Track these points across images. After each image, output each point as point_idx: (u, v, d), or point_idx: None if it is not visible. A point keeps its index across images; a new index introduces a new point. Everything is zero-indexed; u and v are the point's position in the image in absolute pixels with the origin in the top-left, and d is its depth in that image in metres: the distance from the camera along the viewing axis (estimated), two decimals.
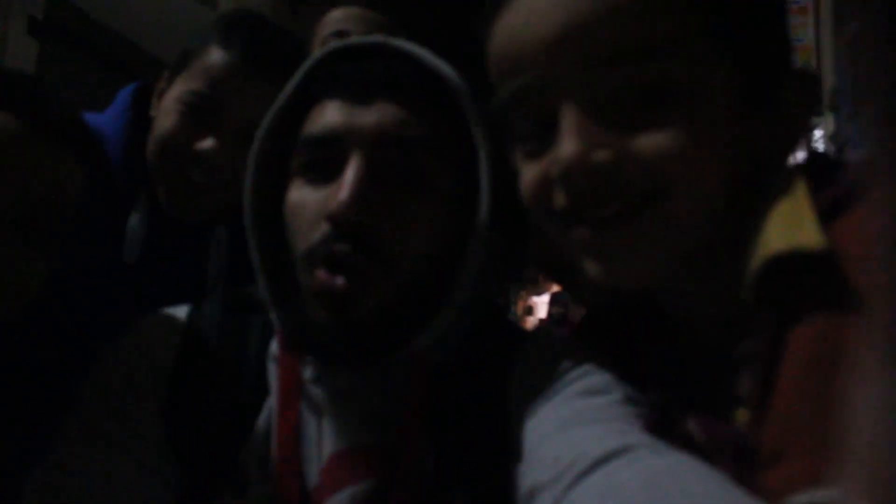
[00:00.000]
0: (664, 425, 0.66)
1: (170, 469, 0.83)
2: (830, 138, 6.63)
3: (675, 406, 0.67)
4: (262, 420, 0.84)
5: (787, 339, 0.55)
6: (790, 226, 0.56)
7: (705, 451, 0.62)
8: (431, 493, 0.82)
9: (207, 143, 1.15)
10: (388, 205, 0.78)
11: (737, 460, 0.59)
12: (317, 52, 0.87)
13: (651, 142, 0.58)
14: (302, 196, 0.81)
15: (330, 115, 0.81)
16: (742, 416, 0.61)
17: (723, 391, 0.64)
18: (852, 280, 0.50)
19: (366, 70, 0.82)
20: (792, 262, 0.54)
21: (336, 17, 1.62)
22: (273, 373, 0.86)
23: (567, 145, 0.60)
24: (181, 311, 0.92)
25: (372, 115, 0.79)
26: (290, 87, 0.86)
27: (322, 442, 0.83)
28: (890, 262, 0.32)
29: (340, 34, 1.56)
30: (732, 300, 0.59)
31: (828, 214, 0.55)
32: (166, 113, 1.17)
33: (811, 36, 6.64)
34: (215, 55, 1.17)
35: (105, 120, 1.26)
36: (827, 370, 0.51)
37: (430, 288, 0.80)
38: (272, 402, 0.84)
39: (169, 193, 1.19)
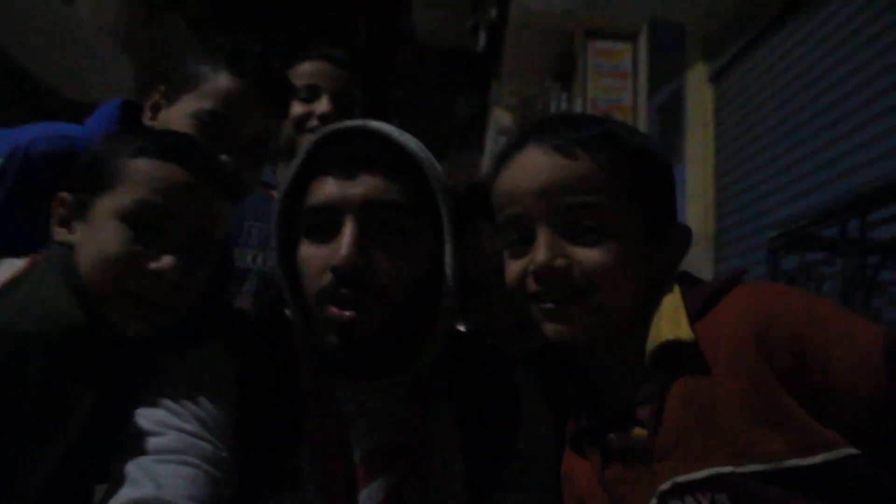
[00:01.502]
0: (594, 438, 0.95)
1: (234, 469, 0.97)
2: None
3: (598, 426, 0.95)
4: (306, 426, 1.02)
5: (670, 388, 0.86)
6: (673, 323, 0.86)
7: (620, 455, 0.91)
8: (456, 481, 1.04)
9: (223, 157, 1.27)
10: (377, 255, 0.98)
11: (639, 458, 0.88)
12: (313, 137, 1.06)
13: (587, 256, 0.88)
14: (309, 252, 1.00)
15: (326, 189, 0.99)
16: (638, 433, 0.90)
17: (625, 417, 0.92)
18: (706, 358, 0.83)
19: (351, 151, 1.01)
20: (674, 346, 0.85)
21: (308, 71, 1.78)
22: (308, 386, 1.04)
23: (541, 253, 0.88)
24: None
25: (359, 187, 0.98)
26: (294, 167, 1.04)
27: (353, 442, 1.02)
28: None
29: (311, 88, 1.77)
30: (637, 361, 0.89)
31: (693, 316, 0.87)
32: (179, 126, 1.26)
33: (629, 98, 7.52)
34: (227, 80, 1.30)
35: (90, 132, 1.33)
36: (693, 407, 0.84)
37: (414, 315, 1.01)
38: (315, 409, 1.03)
39: None
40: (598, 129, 0.92)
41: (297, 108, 1.71)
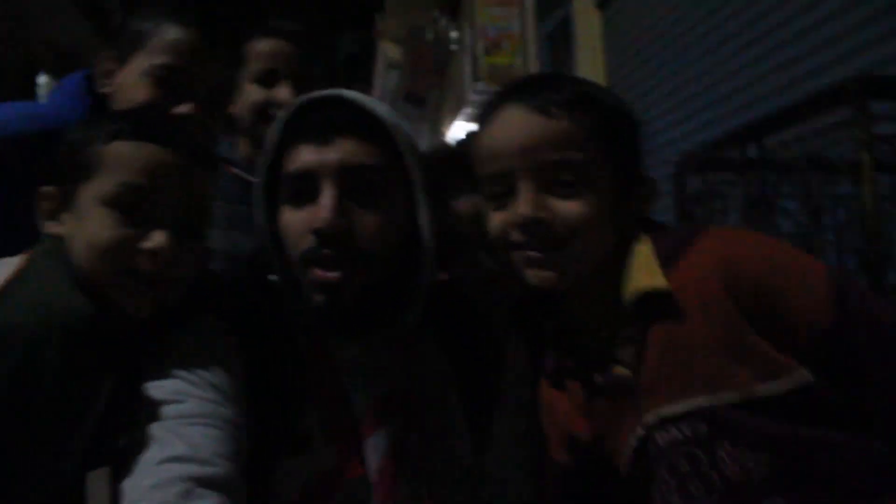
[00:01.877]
0: (580, 376, 1.03)
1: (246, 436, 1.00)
2: None
3: (582, 365, 1.03)
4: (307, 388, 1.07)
5: (649, 332, 0.95)
6: (648, 272, 0.95)
7: (604, 390, 1.01)
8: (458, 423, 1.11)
9: (185, 108, 1.27)
10: (357, 215, 1.03)
11: (623, 394, 0.98)
12: (288, 106, 1.11)
13: (565, 208, 0.95)
14: (290, 217, 1.05)
15: (303, 156, 1.05)
16: (618, 370, 0.99)
17: (603, 356, 1.01)
18: (678, 304, 0.92)
19: (326, 118, 1.06)
20: (650, 294, 0.94)
21: (264, 52, 1.69)
22: (304, 348, 1.09)
23: (523, 206, 0.95)
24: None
25: (335, 152, 1.03)
26: (272, 136, 1.09)
27: (354, 397, 1.08)
28: None
29: (270, 73, 1.67)
30: (614, 305, 0.97)
31: (665, 263, 0.95)
32: (135, 86, 1.27)
33: (518, 26, 7.57)
34: (173, 31, 1.29)
35: (59, 108, 1.32)
36: (670, 348, 0.93)
37: (397, 272, 1.07)
38: (314, 369, 1.08)
39: None
40: (574, 90, 0.98)
41: (255, 94, 1.65)
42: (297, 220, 1.05)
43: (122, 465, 0.92)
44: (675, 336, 0.93)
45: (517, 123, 0.98)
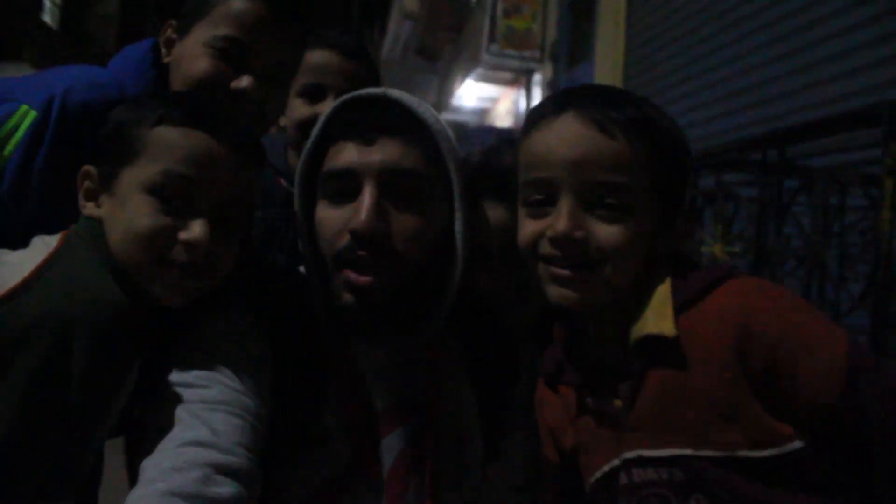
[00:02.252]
0: (576, 389, 1.01)
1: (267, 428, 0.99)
2: (548, 84, 7.56)
3: (581, 386, 1.01)
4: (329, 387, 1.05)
5: (649, 373, 0.92)
6: (659, 316, 0.92)
7: (594, 416, 0.98)
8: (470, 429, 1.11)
9: (244, 82, 1.22)
10: (395, 219, 1.00)
11: (611, 425, 0.96)
12: (333, 104, 1.08)
13: (604, 232, 0.91)
14: (328, 214, 1.03)
15: (346, 154, 1.02)
16: (616, 403, 0.96)
17: (605, 381, 0.98)
18: (684, 353, 0.90)
19: (370, 117, 1.03)
20: (657, 338, 0.91)
21: (312, 66, 1.59)
22: (328, 345, 1.06)
23: (562, 223, 0.91)
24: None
25: (378, 153, 1.01)
26: (315, 132, 1.07)
27: (373, 397, 1.06)
28: None
29: (317, 87, 1.59)
30: (623, 336, 0.94)
31: (680, 308, 0.92)
32: (194, 57, 1.22)
33: None
34: (239, 2, 1.23)
35: (123, 76, 1.28)
36: (665, 394, 0.91)
37: (427, 279, 1.05)
38: (336, 365, 1.06)
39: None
40: (636, 110, 0.95)
41: (301, 110, 1.56)
42: (334, 218, 1.02)
43: (137, 437, 0.92)
44: (672, 384, 0.92)
45: (571, 134, 0.94)
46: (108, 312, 0.89)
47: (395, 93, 1.07)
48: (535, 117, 0.99)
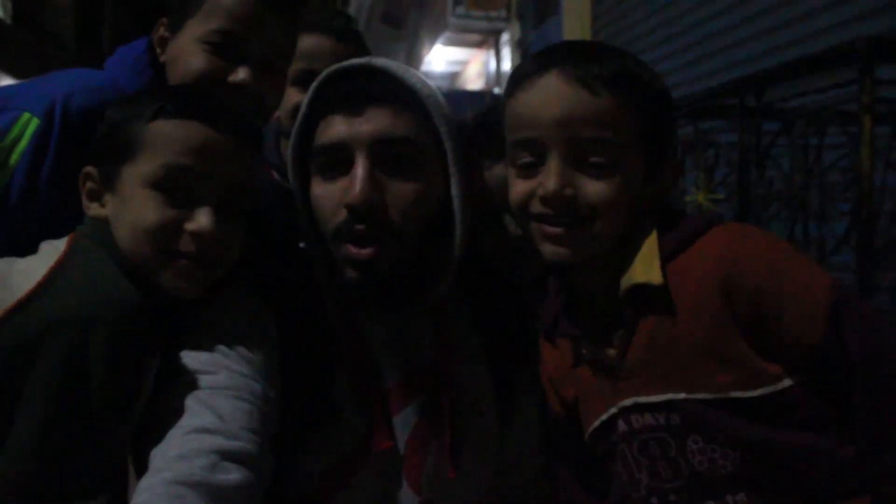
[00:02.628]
0: (574, 349, 1.04)
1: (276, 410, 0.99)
2: (517, 43, 7.50)
3: (577, 337, 1.03)
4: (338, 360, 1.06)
5: (640, 321, 0.95)
6: (646, 265, 0.94)
7: (590, 365, 1.02)
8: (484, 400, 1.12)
9: (241, 75, 1.20)
10: (390, 189, 1.00)
11: (607, 374, 0.99)
12: (319, 77, 1.07)
13: (593, 188, 0.93)
14: (322, 190, 1.03)
15: (335, 127, 1.01)
16: (609, 351, 0.99)
17: (596, 333, 1.01)
18: (672, 300, 0.93)
19: (357, 88, 1.02)
20: (645, 287, 0.94)
21: (304, 50, 1.56)
22: (335, 321, 1.08)
23: (552, 181, 0.93)
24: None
25: (367, 124, 1.00)
26: (302, 109, 1.07)
27: (384, 371, 1.07)
28: None
29: (311, 74, 1.49)
30: (615, 286, 0.96)
31: (667, 257, 0.94)
32: (189, 54, 1.20)
33: None
34: None
35: (120, 78, 1.26)
36: (657, 341, 0.94)
37: (429, 246, 1.05)
38: (344, 342, 1.07)
39: None
40: (619, 65, 0.96)
41: (294, 97, 1.52)
42: (329, 194, 1.02)
43: (145, 425, 0.93)
44: (663, 330, 0.94)
45: (557, 93, 0.94)
46: (124, 310, 0.89)
47: (380, 61, 1.06)
48: (518, 77, 0.99)
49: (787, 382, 0.90)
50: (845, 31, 2.71)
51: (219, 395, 0.92)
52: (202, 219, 0.96)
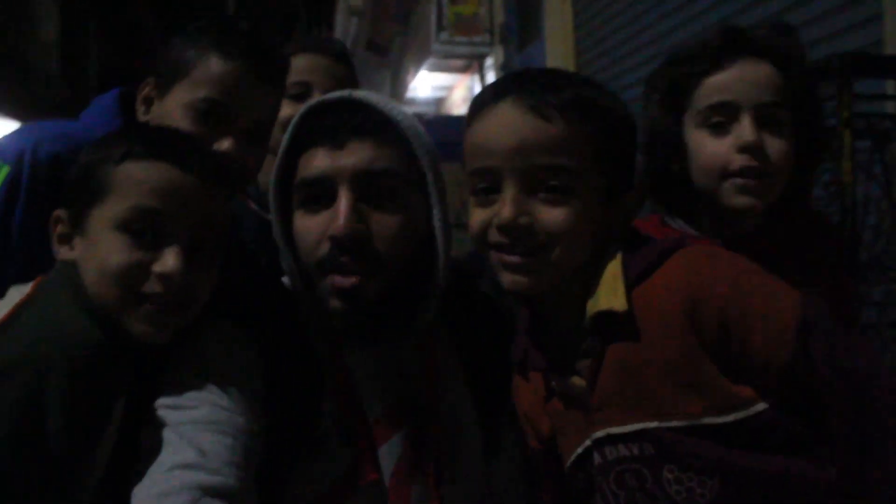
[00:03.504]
0: (543, 373, 1.02)
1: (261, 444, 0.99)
2: (500, 67, 7.55)
3: (547, 370, 1.02)
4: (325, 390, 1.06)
5: (607, 349, 0.94)
6: (611, 291, 0.93)
7: (560, 398, 1.00)
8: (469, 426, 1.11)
9: (225, 145, 1.22)
10: (374, 221, 1.01)
11: (578, 406, 0.97)
12: (299, 111, 1.08)
13: (549, 216, 0.92)
14: (305, 223, 1.03)
15: (317, 161, 1.02)
16: (576, 381, 0.98)
17: (567, 361, 0.99)
18: (638, 327, 0.91)
19: (339, 121, 1.03)
20: (610, 314, 0.93)
21: (300, 67, 1.62)
22: (321, 353, 1.08)
23: (506, 210, 0.92)
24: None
25: (349, 157, 1.01)
26: (284, 143, 1.07)
27: (368, 403, 1.07)
28: None
29: (304, 85, 1.62)
30: (581, 315, 0.96)
31: (632, 284, 0.93)
32: (175, 119, 1.21)
33: None
34: (218, 64, 1.22)
35: (90, 126, 1.28)
36: (625, 370, 0.92)
37: (413, 276, 1.05)
38: (328, 374, 1.06)
39: None
40: (573, 91, 0.95)
41: (286, 109, 1.54)
42: (312, 227, 1.03)
43: (127, 463, 0.92)
44: (630, 358, 0.93)
45: (510, 122, 0.94)
46: (84, 352, 0.88)
47: (361, 93, 1.08)
48: (475, 107, 1.00)
49: (759, 406, 0.88)
50: (825, 48, 2.73)
51: (200, 429, 0.92)
52: (169, 260, 0.95)
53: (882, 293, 2.40)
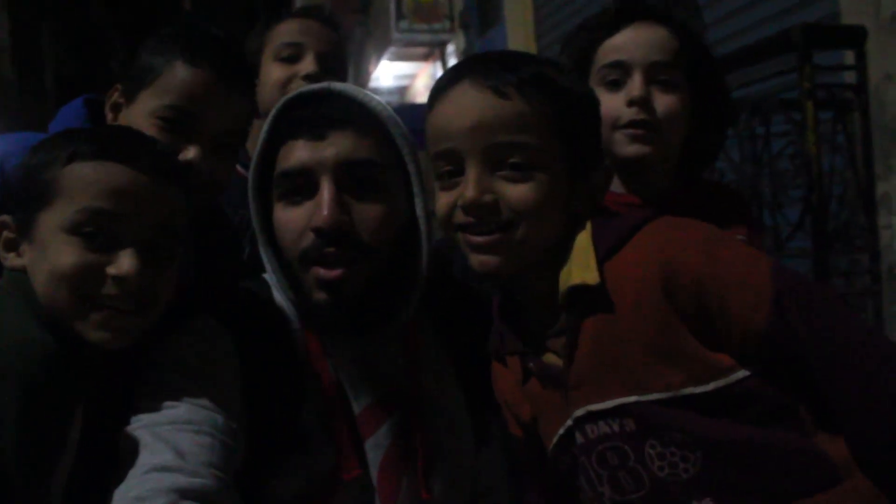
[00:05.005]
0: (519, 356, 1.01)
1: (242, 442, 0.97)
2: (462, 53, 7.52)
3: (523, 353, 1.01)
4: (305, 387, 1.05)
5: (581, 325, 0.93)
6: (582, 265, 0.93)
7: (538, 378, 0.99)
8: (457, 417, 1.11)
9: (191, 154, 1.19)
10: (357, 211, 1.01)
11: (554, 385, 0.96)
12: (278, 102, 1.07)
13: (513, 192, 0.92)
14: (286, 215, 1.02)
15: (298, 152, 1.01)
16: (551, 359, 0.97)
17: (540, 343, 0.99)
18: (612, 300, 0.91)
19: (318, 112, 1.03)
20: (583, 288, 0.92)
21: (291, 29, 1.64)
22: (302, 348, 1.07)
23: (470, 189, 0.92)
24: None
25: (330, 147, 1.00)
26: (262, 135, 1.07)
27: (352, 396, 1.06)
28: None
29: (296, 46, 1.63)
30: (554, 293, 0.95)
31: (602, 258, 0.92)
32: (141, 126, 1.19)
33: None
34: (185, 71, 1.20)
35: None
36: (601, 344, 0.91)
37: (397, 266, 1.05)
38: (309, 370, 1.05)
39: None
40: (531, 70, 0.95)
41: (277, 72, 1.56)
42: (294, 219, 1.02)
43: (106, 464, 0.90)
44: (606, 332, 0.92)
45: (468, 102, 0.94)
46: (35, 360, 0.85)
47: (339, 85, 1.07)
48: (435, 91, 1.00)
49: (740, 374, 0.87)
50: (782, 22, 2.75)
51: (179, 430, 0.90)
52: (124, 262, 0.92)
53: (848, 262, 2.44)
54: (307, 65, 1.62)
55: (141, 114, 1.21)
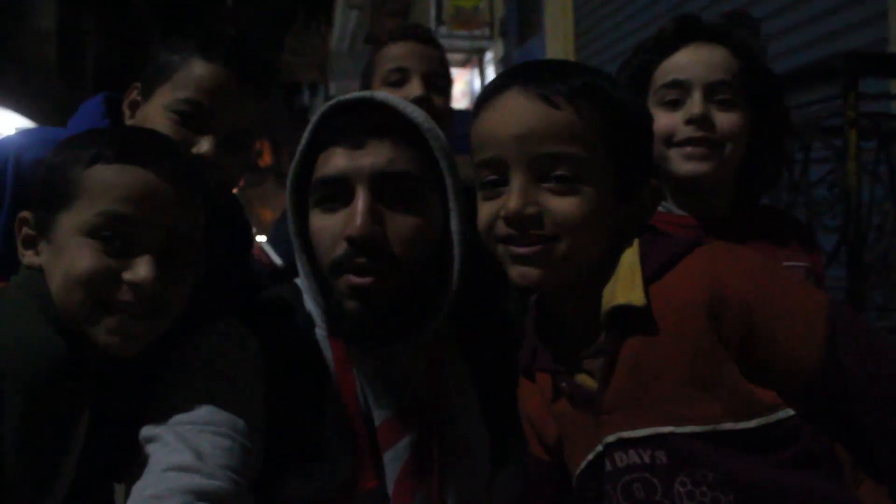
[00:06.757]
0: (551, 374, 0.99)
1: (262, 446, 0.98)
2: (500, 61, 7.51)
3: (556, 371, 0.98)
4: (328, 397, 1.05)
5: (621, 348, 0.90)
6: (628, 285, 0.90)
7: (570, 399, 0.96)
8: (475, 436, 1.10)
9: (205, 146, 1.22)
10: (391, 222, 1.01)
11: (587, 408, 0.93)
12: (319, 110, 1.08)
13: (557, 206, 0.89)
14: (322, 222, 1.03)
15: (336, 160, 1.02)
16: (584, 381, 0.94)
17: (574, 362, 0.97)
18: (655, 323, 0.88)
19: (358, 121, 1.03)
20: (627, 309, 0.89)
21: (395, 54, 1.70)
22: (327, 356, 1.07)
23: (513, 200, 0.89)
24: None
25: (368, 157, 1.01)
26: (303, 142, 1.07)
27: (374, 408, 1.05)
28: None
29: (402, 71, 1.68)
30: (595, 312, 0.92)
31: (649, 279, 0.90)
32: (157, 121, 1.22)
33: None
34: (201, 67, 1.24)
35: (77, 131, 1.22)
36: (639, 369, 0.89)
37: (428, 279, 1.05)
38: (333, 378, 1.05)
39: None
40: (582, 80, 0.93)
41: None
42: (329, 226, 1.02)
43: (128, 460, 0.92)
44: (645, 357, 0.89)
45: (516, 110, 0.92)
46: (44, 364, 0.84)
47: (381, 95, 1.07)
48: (481, 98, 0.97)
49: (781, 413, 0.83)
50: (829, 46, 2.69)
51: (199, 430, 0.91)
52: (141, 268, 0.91)
53: (883, 296, 2.37)
54: (414, 88, 1.67)
55: (157, 108, 1.24)
